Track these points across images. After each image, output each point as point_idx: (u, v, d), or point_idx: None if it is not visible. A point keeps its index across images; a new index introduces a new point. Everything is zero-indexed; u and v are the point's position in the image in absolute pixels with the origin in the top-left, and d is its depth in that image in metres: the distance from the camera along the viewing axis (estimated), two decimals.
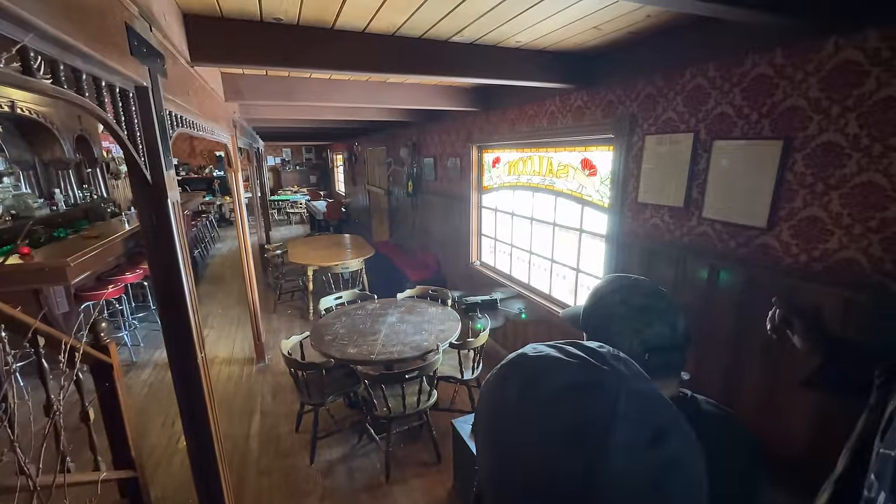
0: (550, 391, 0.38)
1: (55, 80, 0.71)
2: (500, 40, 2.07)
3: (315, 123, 5.31)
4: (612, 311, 0.82)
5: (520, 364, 0.42)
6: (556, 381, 0.38)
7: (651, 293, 0.84)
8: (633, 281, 0.87)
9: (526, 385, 0.40)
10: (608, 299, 0.85)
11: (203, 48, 1.67)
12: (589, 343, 0.43)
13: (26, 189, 5.87)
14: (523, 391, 0.39)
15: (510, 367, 0.43)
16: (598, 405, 0.36)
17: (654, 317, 0.79)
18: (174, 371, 1.30)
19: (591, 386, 0.37)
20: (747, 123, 1.67)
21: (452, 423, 2.31)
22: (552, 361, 0.40)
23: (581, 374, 0.38)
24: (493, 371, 0.45)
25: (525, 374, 0.41)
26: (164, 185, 1.19)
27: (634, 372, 0.40)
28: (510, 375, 0.42)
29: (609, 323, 0.82)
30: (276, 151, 13.95)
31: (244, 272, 3.68)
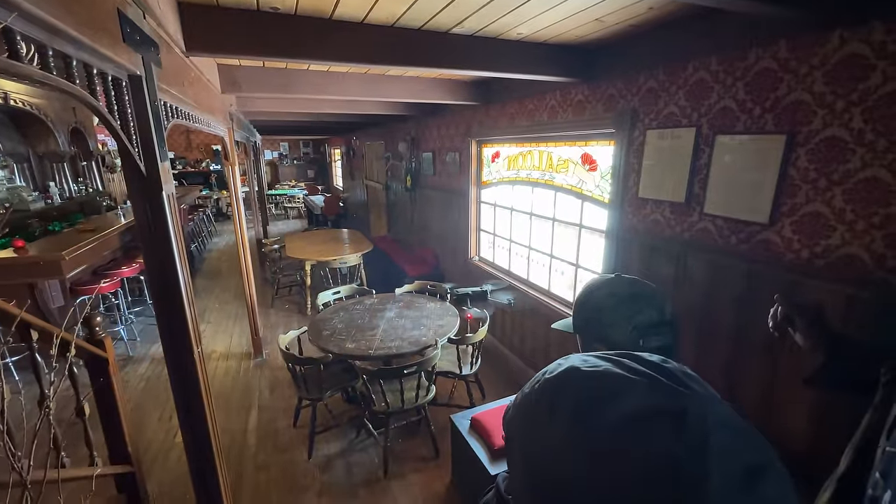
0: (620, 417, 0.32)
1: (44, 65, 0.69)
2: (501, 32, 2.04)
3: (313, 117, 5.26)
4: (601, 305, 0.83)
5: (572, 379, 0.37)
6: (624, 405, 0.33)
7: (634, 282, 0.85)
8: (616, 276, 0.89)
9: (583, 407, 0.34)
10: (596, 294, 0.86)
11: (198, 37, 1.64)
12: (648, 356, 0.37)
13: (20, 182, 5.81)
14: (580, 414, 0.34)
15: (559, 382, 0.37)
16: (686, 439, 0.30)
17: (643, 303, 0.80)
18: (170, 366, 1.28)
19: (673, 414, 0.32)
20: (750, 118, 1.66)
21: (451, 418, 2.31)
22: (615, 379, 0.35)
23: (658, 397, 0.33)
24: (536, 384, 0.40)
25: (581, 394, 0.35)
26: (159, 177, 1.16)
27: (711, 393, 0.35)
28: (560, 392, 0.36)
29: (600, 315, 0.82)
30: (273, 145, 13.87)
31: (241, 267, 3.66)
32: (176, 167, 11.59)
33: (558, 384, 0.38)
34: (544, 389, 0.39)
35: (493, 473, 1.93)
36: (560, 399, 0.36)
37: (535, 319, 3.26)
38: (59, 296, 3.59)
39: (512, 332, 3.60)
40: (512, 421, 0.41)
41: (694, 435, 0.31)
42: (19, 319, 1.31)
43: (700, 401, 0.33)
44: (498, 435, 2.06)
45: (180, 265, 1.20)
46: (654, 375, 0.35)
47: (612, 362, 0.37)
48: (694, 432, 0.31)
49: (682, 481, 0.29)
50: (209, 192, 11.28)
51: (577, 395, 0.36)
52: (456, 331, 2.82)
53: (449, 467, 2.47)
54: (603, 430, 0.33)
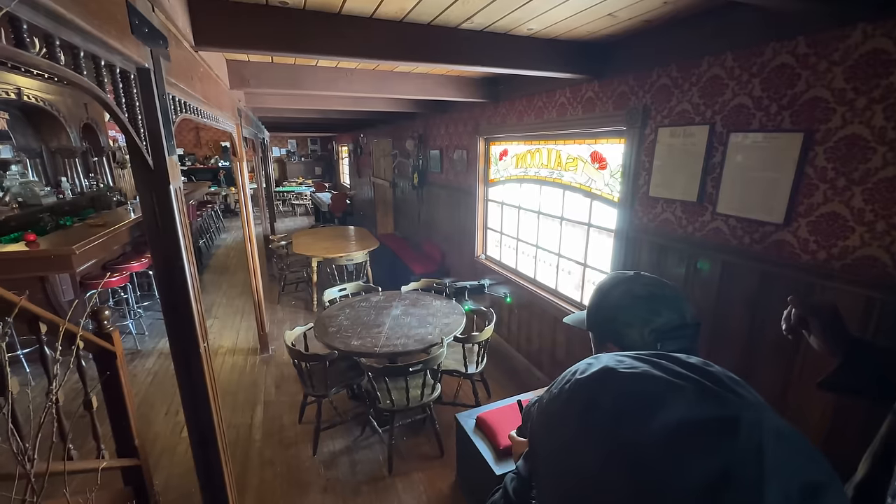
0: (666, 426, 0.30)
1: (51, 56, 0.68)
2: (511, 27, 2.01)
3: (321, 113, 5.26)
4: (617, 304, 0.80)
5: (609, 381, 0.34)
6: (671, 412, 0.30)
7: (653, 282, 0.82)
8: (634, 274, 0.85)
9: (624, 413, 0.32)
10: (612, 293, 0.83)
11: (207, 32, 1.63)
12: (686, 357, 0.35)
13: (33, 177, 5.88)
14: (620, 421, 0.31)
15: (594, 384, 0.34)
16: (740, 450, 0.28)
17: (662, 305, 0.77)
18: (176, 360, 1.28)
19: (725, 422, 0.29)
20: (766, 115, 1.62)
21: (456, 417, 2.30)
22: (658, 383, 0.32)
23: (707, 404, 0.30)
24: (566, 384, 0.37)
25: (621, 398, 0.32)
26: (167, 170, 1.16)
27: (761, 401, 0.32)
28: (596, 394, 0.34)
29: (616, 315, 0.79)
30: (281, 142, 13.93)
31: (249, 262, 3.67)
32: (185, 164, 11.69)
33: (593, 385, 0.35)
34: (576, 390, 0.36)
35: (499, 473, 1.91)
36: (596, 402, 0.34)
37: (542, 319, 3.23)
38: (69, 289, 3.63)
39: (518, 331, 3.58)
40: (538, 423, 0.38)
41: (748, 446, 0.29)
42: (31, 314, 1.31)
43: (753, 409, 0.31)
44: (504, 435, 2.04)
45: (187, 260, 1.20)
46: (699, 380, 0.32)
47: (651, 364, 0.35)
48: (748, 443, 0.29)
49: (734, 496, 0.27)
50: (217, 189, 11.36)
51: (616, 400, 0.33)
52: (462, 329, 2.80)
53: (454, 466, 2.46)
54: (648, 439, 0.30)
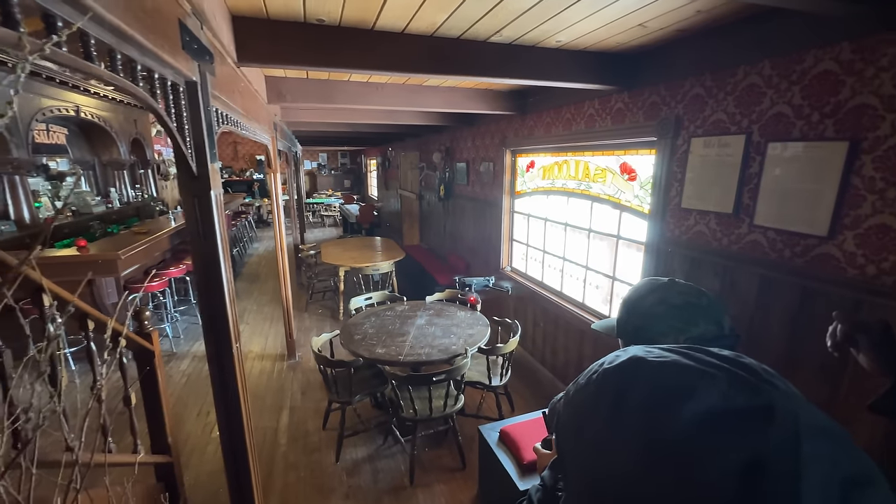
0: (697, 414, 0.29)
1: (112, 68, 0.74)
2: (539, 40, 2.03)
3: (351, 127, 5.43)
4: (651, 313, 0.77)
5: (639, 369, 0.33)
6: (703, 401, 0.30)
7: (690, 291, 0.78)
8: (669, 281, 0.82)
9: (655, 402, 0.31)
10: (646, 301, 0.80)
11: (249, 49, 1.73)
12: (718, 350, 0.34)
13: (86, 187, 6.30)
14: (651, 409, 0.31)
15: (624, 373, 0.34)
16: (775, 438, 0.27)
17: (698, 315, 0.74)
18: (210, 357, 1.33)
19: (758, 410, 0.29)
20: (807, 124, 1.56)
21: (479, 429, 2.27)
22: (689, 372, 0.31)
23: (740, 392, 0.29)
24: (594, 374, 0.36)
25: (652, 386, 0.32)
26: (209, 178, 1.22)
27: (797, 393, 0.31)
28: (627, 384, 0.33)
29: (650, 324, 0.77)
30: (312, 156, 14.40)
31: (280, 270, 3.78)
32: (223, 176, 12.25)
33: (622, 375, 0.35)
34: (605, 380, 0.35)
35: (522, 489, 1.87)
36: (626, 391, 0.33)
37: (567, 332, 3.17)
38: (113, 292, 3.84)
39: (543, 344, 3.52)
40: (566, 415, 0.38)
41: (784, 435, 0.28)
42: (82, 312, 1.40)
43: (789, 399, 0.30)
44: (528, 449, 2.00)
45: (224, 261, 1.26)
46: (732, 369, 0.31)
47: (681, 354, 0.34)
48: (784, 432, 0.28)
49: (769, 487, 0.27)
50: (251, 200, 11.82)
51: (647, 388, 0.33)
52: (486, 340, 2.78)
53: (476, 479, 2.41)
54: (679, 428, 0.30)
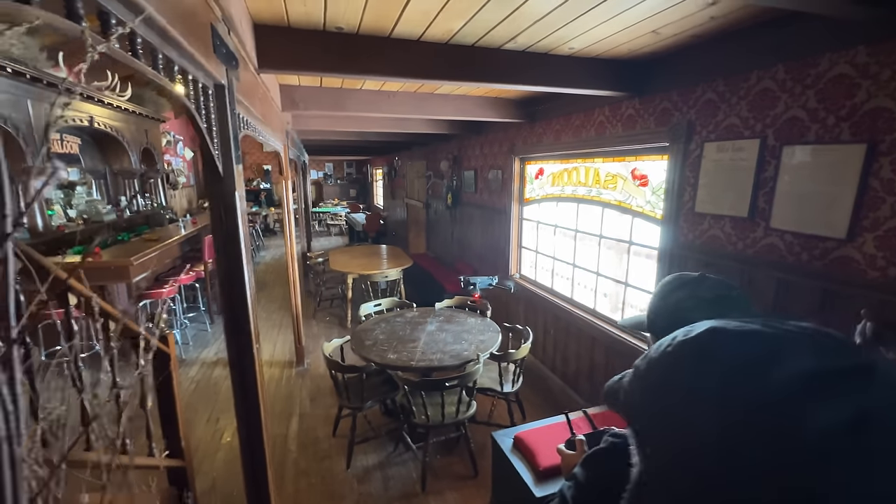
0: (789, 377, 0.29)
1: (154, 66, 0.77)
2: (552, 47, 2.06)
3: (359, 136, 5.49)
4: (682, 307, 0.77)
5: (719, 338, 0.34)
6: (793, 364, 0.30)
7: (720, 285, 0.78)
8: (699, 275, 0.81)
9: (740, 368, 0.31)
10: (676, 295, 0.80)
11: (269, 56, 1.77)
12: (796, 321, 0.34)
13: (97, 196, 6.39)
14: (736, 376, 0.31)
15: (702, 344, 0.34)
16: (879, 398, 0.27)
17: (730, 308, 0.73)
18: (231, 354, 1.34)
19: (858, 371, 0.29)
20: (823, 127, 1.57)
21: (493, 435, 2.24)
22: (773, 339, 0.32)
23: (831, 356, 0.30)
24: (668, 347, 0.36)
25: (735, 354, 0.32)
26: (234, 177, 1.25)
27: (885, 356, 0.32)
28: (706, 354, 0.33)
29: (682, 318, 0.76)
30: (318, 166, 14.54)
31: (290, 277, 3.80)
32: None
33: (702, 344, 0.35)
34: (683, 352, 0.35)
35: (539, 496, 1.84)
36: (707, 360, 0.33)
37: (579, 339, 3.15)
38: (124, 298, 3.86)
39: (554, 352, 3.50)
40: (638, 392, 0.38)
41: (887, 391, 0.28)
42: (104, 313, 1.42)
43: (883, 360, 0.30)
44: (543, 455, 1.98)
45: (245, 258, 1.27)
46: (817, 336, 0.32)
47: (760, 323, 0.34)
48: (887, 388, 0.28)
49: (874, 440, 0.27)
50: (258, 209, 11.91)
51: (729, 356, 0.33)
52: (497, 346, 2.77)
53: (489, 487, 2.38)
54: (771, 391, 0.30)
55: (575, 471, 0.79)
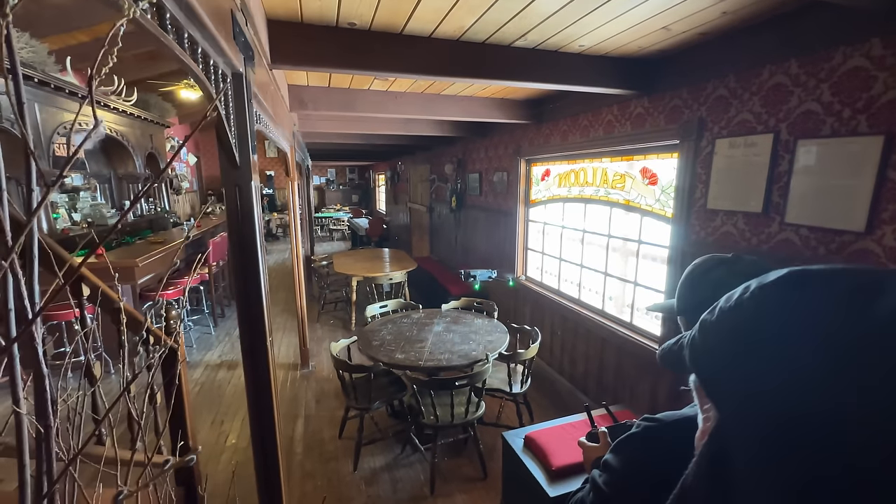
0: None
1: (179, 43, 0.76)
2: (562, 45, 2.07)
3: (364, 139, 5.51)
4: (720, 284, 0.73)
5: (809, 280, 0.32)
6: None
7: (759, 262, 0.75)
8: (733, 256, 0.79)
9: (837, 307, 0.30)
10: (711, 274, 0.77)
11: (282, 51, 1.77)
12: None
13: (101, 200, 6.40)
14: (836, 315, 0.30)
15: (789, 286, 0.32)
16: None
17: None
18: (245, 350, 1.32)
19: None
20: (838, 120, 1.56)
21: (503, 436, 2.21)
22: (868, 274, 0.31)
23: None
24: (745, 295, 0.35)
25: (827, 293, 0.31)
26: (250, 167, 1.24)
27: None
28: (794, 296, 0.32)
29: (719, 296, 0.75)
30: (321, 171, 14.58)
31: (295, 279, 3.79)
32: None
33: (788, 287, 0.33)
34: (766, 296, 0.34)
35: (553, 496, 1.81)
36: (797, 301, 0.32)
37: (587, 341, 3.12)
38: (129, 300, 3.84)
39: (562, 354, 3.46)
40: (714, 345, 0.36)
41: None
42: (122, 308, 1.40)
43: None
44: (556, 454, 1.95)
45: (260, 248, 1.26)
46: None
47: (843, 266, 0.33)
48: None
49: None
50: None
51: (822, 292, 0.31)
52: (506, 347, 2.75)
53: (498, 490, 2.34)
54: (878, 324, 0.28)
55: (606, 457, 0.77)
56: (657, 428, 0.72)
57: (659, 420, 0.72)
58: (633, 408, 2.59)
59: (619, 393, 2.79)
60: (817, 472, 0.29)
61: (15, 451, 0.49)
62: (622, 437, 0.75)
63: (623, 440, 0.74)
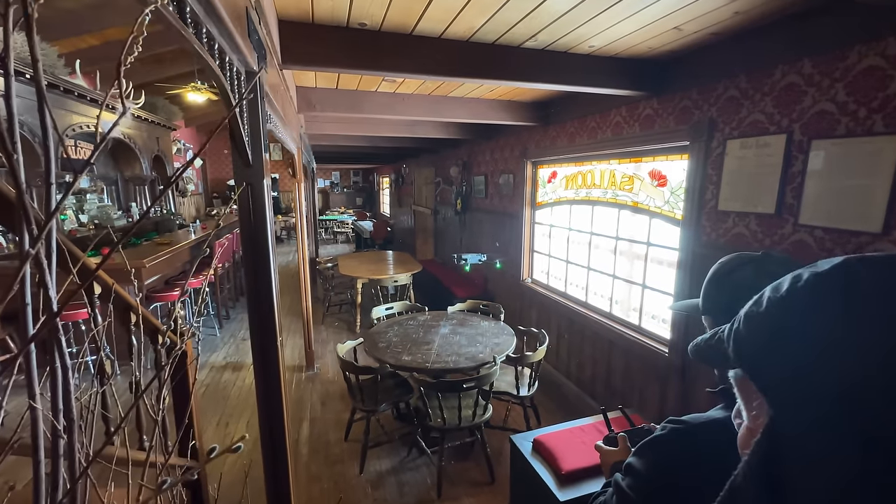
0: None
1: (198, 37, 0.76)
2: (572, 46, 2.06)
3: (370, 141, 5.52)
4: (747, 284, 0.71)
5: (868, 265, 0.32)
6: None
7: (788, 260, 0.73)
8: (763, 253, 0.77)
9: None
10: (738, 274, 0.75)
11: (293, 51, 1.77)
12: None
13: (108, 202, 6.44)
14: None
15: (848, 272, 0.32)
16: None
17: None
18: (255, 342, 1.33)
19: None
20: (854, 120, 1.54)
21: (511, 438, 2.19)
22: None
23: None
24: (798, 284, 0.35)
25: (890, 276, 0.31)
26: (262, 166, 1.24)
27: None
28: (855, 282, 0.32)
29: (747, 295, 0.72)
30: (325, 174, 14.63)
31: (301, 281, 3.78)
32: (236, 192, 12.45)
33: (846, 273, 0.33)
34: (821, 284, 0.33)
35: (563, 500, 1.78)
36: (858, 288, 0.32)
37: (595, 344, 3.09)
38: None
39: (568, 358, 3.44)
40: (762, 334, 0.35)
41: None
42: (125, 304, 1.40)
43: None
44: (565, 458, 1.92)
45: (271, 245, 1.26)
46: None
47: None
48: None
49: None
50: None
51: (884, 278, 0.31)
52: (513, 349, 2.73)
53: (506, 494, 2.32)
54: None
55: (629, 460, 0.75)
56: (684, 430, 0.70)
57: (685, 422, 0.71)
58: (642, 412, 2.56)
59: (628, 397, 2.77)
60: (867, 465, 0.28)
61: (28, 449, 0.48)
62: (647, 439, 0.73)
63: (648, 443, 0.73)
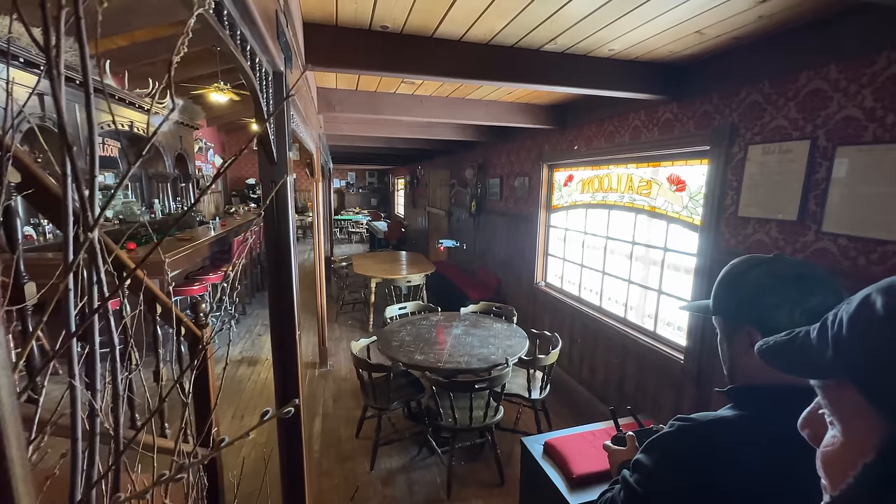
0: None
1: (233, 38, 0.79)
2: (592, 49, 2.06)
3: (387, 142, 5.57)
4: (759, 284, 0.71)
5: None
6: None
7: (800, 263, 0.72)
8: (774, 255, 0.76)
9: None
10: (750, 274, 0.74)
11: (316, 53, 1.81)
12: None
13: (132, 198, 6.64)
14: None
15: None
16: None
17: (815, 285, 0.67)
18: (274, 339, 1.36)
19: None
20: (881, 127, 1.51)
21: (522, 441, 2.19)
22: None
23: None
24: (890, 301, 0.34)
25: None
26: (285, 163, 1.27)
27: None
28: None
29: (758, 296, 0.71)
30: (341, 174, 14.80)
31: (316, 279, 3.84)
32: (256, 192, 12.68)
33: None
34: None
35: (574, 503, 1.78)
36: None
37: (608, 349, 3.07)
38: None
39: (581, 363, 3.41)
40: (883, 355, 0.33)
41: None
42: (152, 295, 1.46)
43: None
44: (577, 462, 1.91)
45: (293, 240, 1.30)
46: None
47: None
48: None
49: None
50: None
51: None
52: (526, 352, 2.73)
53: (516, 496, 2.32)
54: None
55: (637, 457, 0.76)
56: (692, 427, 0.70)
57: (694, 420, 0.71)
58: (656, 419, 2.53)
59: (641, 403, 2.74)
60: None
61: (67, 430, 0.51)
62: (655, 436, 0.73)
63: (656, 439, 0.73)
